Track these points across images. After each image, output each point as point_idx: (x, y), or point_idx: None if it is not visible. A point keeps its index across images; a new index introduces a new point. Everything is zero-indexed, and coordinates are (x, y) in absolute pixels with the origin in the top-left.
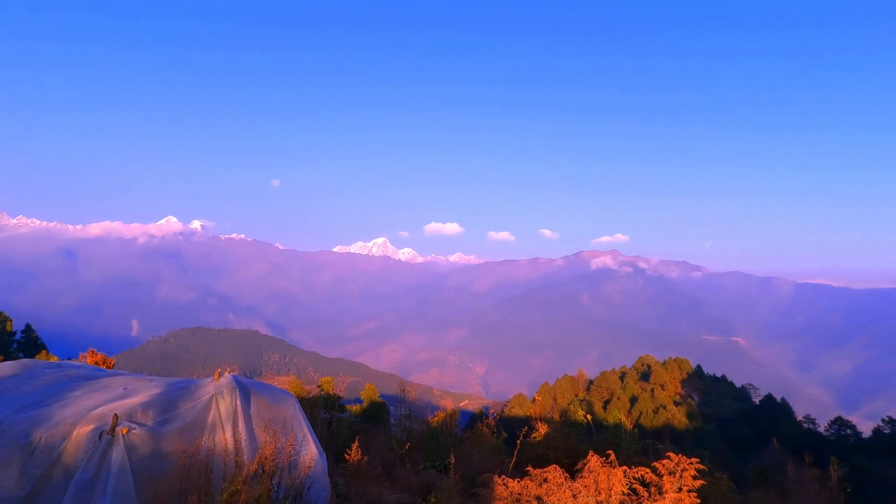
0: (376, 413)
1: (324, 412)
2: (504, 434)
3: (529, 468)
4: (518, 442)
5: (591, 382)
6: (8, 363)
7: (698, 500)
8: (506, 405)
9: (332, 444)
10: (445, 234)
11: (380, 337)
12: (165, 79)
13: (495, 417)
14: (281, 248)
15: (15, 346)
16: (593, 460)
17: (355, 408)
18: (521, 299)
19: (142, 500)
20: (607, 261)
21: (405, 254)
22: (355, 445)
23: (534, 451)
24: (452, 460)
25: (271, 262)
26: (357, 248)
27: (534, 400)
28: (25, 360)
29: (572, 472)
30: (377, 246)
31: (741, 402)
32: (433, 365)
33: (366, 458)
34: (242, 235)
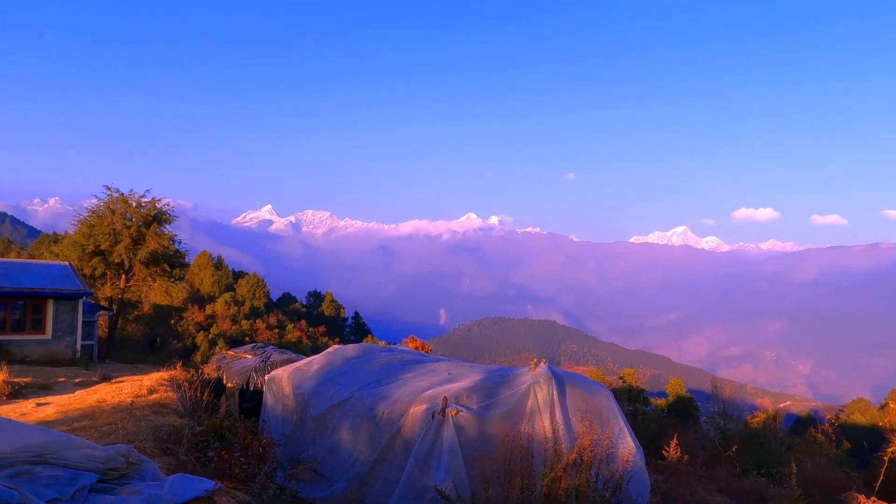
0: (684, 408)
1: (627, 405)
2: (846, 444)
3: None
4: (887, 458)
5: None
6: (351, 346)
7: None
8: (841, 410)
9: (639, 438)
10: (757, 220)
11: (682, 329)
12: (472, 89)
13: (831, 423)
14: (575, 240)
15: (347, 329)
16: None
17: (660, 402)
18: (857, 290)
19: (470, 476)
20: None
21: (708, 242)
22: (674, 442)
23: (892, 468)
24: (794, 469)
25: (566, 254)
26: (655, 237)
27: (883, 406)
28: (365, 344)
29: None
30: (676, 235)
31: None
32: (745, 360)
33: (685, 456)
34: (537, 229)
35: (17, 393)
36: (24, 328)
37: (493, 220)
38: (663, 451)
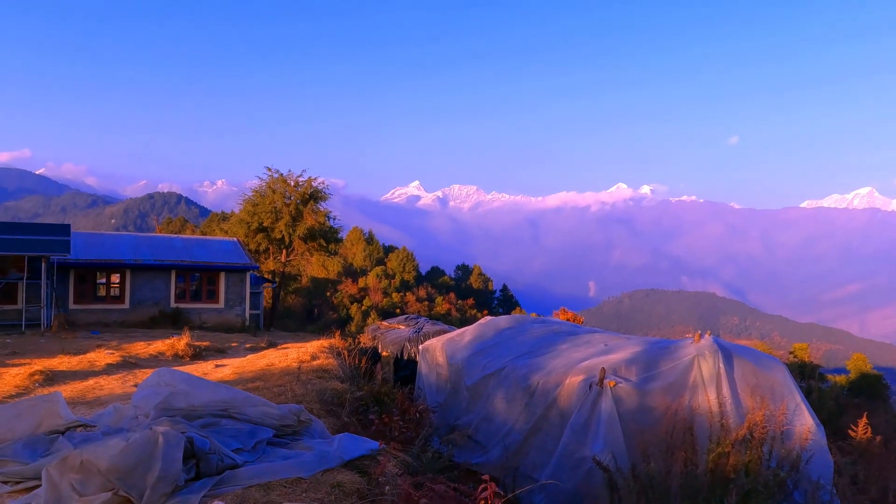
0: (869, 386)
1: (800, 381)
2: None
3: None
4: None
5: None
6: (503, 317)
7: None
8: None
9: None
10: None
11: (865, 301)
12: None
13: None
14: (737, 207)
15: (495, 302)
16: None
17: (839, 378)
18: None
19: (629, 449)
20: None
21: None
22: (863, 421)
23: None
24: None
25: (726, 222)
26: (832, 201)
27: None
28: (517, 315)
29: None
30: (859, 197)
31: None
32: None
33: (878, 437)
34: (693, 197)
35: (198, 355)
36: (200, 298)
37: (645, 189)
38: (849, 431)
